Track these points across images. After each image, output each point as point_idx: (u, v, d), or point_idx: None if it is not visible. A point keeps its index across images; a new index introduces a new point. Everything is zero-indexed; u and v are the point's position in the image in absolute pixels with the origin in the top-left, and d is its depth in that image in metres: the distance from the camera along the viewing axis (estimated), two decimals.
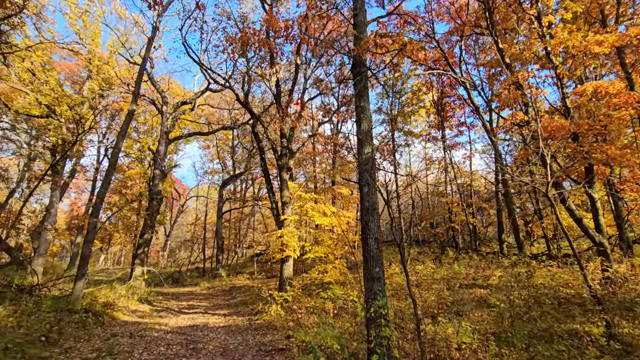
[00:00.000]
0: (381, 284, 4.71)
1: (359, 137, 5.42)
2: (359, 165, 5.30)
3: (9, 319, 5.85)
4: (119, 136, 9.17)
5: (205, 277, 22.24)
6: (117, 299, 10.54)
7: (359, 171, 5.31)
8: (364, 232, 4.98)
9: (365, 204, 5.06)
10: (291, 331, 6.97)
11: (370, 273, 4.78)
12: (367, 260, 4.84)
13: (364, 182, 5.13)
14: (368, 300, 4.65)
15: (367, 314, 4.41)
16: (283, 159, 11.10)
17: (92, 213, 8.59)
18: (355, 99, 5.82)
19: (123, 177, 27.96)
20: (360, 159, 5.28)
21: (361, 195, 5.20)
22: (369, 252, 4.84)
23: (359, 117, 5.58)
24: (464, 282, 11.01)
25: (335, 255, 10.61)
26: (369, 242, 4.88)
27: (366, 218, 5.01)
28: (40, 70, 16.18)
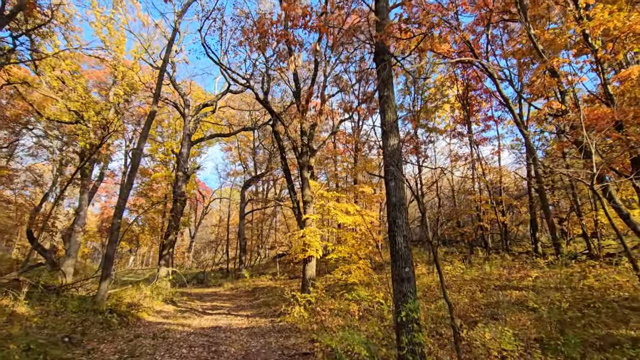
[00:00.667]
0: (411, 285, 4.34)
1: (384, 129, 5.06)
2: (384, 158, 4.94)
3: (34, 318, 5.88)
4: (140, 137, 9.22)
5: (228, 277, 22.36)
6: (142, 300, 10.62)
7: (384, 164, 4.96)
8: (391, 230, 4.62)
9: (392, 200, 4.70)
10: (315, 334, 6.67)
11: (399, 273, 4.41)
12: (396, 259, 4.48)
13: (390, 176, 4.77)
14: (397, 302, 4.29)
15: (398, 317, 4.05)
16: (304, 157, 10.85)
17: (116, 214, 8.64)
18: (378, 88, 5.47)
19: (149, 180, 28.67)
20: (385, 152, 4.92)
21: (387, 190, 4.84)
22: (397, 251, 4.48)
23: (383, 108, 5.23)
24: (496, 284, 10.37)
25: (359, 256, 10.24)
26: (397, 239, 4.51)
27: (393, 214, 4.65)
28: (69, 78, 16.70)
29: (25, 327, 5.48)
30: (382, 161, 4.98)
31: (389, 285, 9.07)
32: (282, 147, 12.01)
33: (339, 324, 7.22)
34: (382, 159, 22.79)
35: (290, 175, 11.70)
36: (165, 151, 28.49)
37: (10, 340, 4.80)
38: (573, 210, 15.84)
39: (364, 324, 7.21)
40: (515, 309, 7.79)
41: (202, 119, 20.17)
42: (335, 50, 14.74)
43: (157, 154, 29.08)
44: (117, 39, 18.59)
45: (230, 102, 26.86)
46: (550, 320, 5.70)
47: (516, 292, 9.07)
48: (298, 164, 11.10)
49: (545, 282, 9.34)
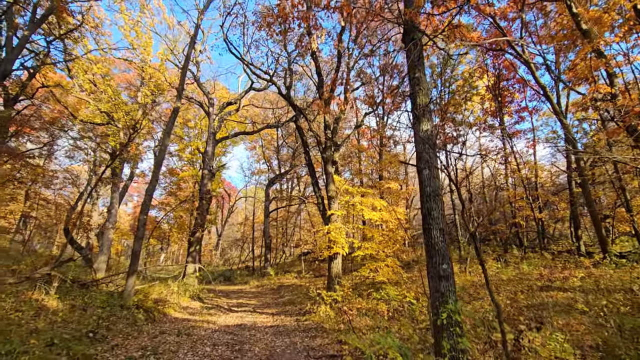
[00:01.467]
0: (450, 284, 3.90)
1: (415, 113, 4.63)
2: (416, 145, 4.52)
3: (59, 313, 5.90)
4: (164, 134, 9.22)
5: (254, 275, 22.44)
6: (169, 296, 10.68)
7: (416, 152, 4.53)
8: (426, 222, 4.20)
9: (426, 190, 4.27)
10: (342, 335, 6.33)
11: (435, 270, 3.98)
12: (432, 255, 4.05)
13: (423, 164, 4.34)
14: (435, 303, 3.87)
15: (438, 320, 3.63)
16: (328, 151, 10.52)
17: (142, 210, 8.67)
18: (408, 70, 5.05)
19: (177, 180, 29.34)
20: (417, 138, 4.50)
21: (420, 179, 4.42)
22: (433, 246, 4.05)
23: (414, 90, 4.80)
24: (537, 284, 9.61)
25: (387, 253, 9.79)
26: (433, 233, 4.08)
27: (428, 205, 4.22)
28: (100, 81, 17.22)
29: (51, 322, 5.49)
30: (414, 148, 4.55)
31: (421, 284, 8.57)
32: (306, 142, 11.73)
33: (367, 324, 6.84)
34: (408, 153, 22.11)
35: (314, 170, 11.40)
36: (192, 151, 29.05)
37: (36, 334, 4.78)
38: (620, 206, 14.56)
39: (394, 324, 6.79)
40: (563, 311, 7.11)
41: (227, 118, 20.28)
42: (358, 42, 14.32)
43: (184, 153, 29.71)
44: (144, 42, 19.02)
45: (254, 100, 26.99)
46: (608, 325, 5.07)
47: (561, 293, 8.34)
48: (322, 159, 10.79)
49: (593, 283, 8.53)
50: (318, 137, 10.88)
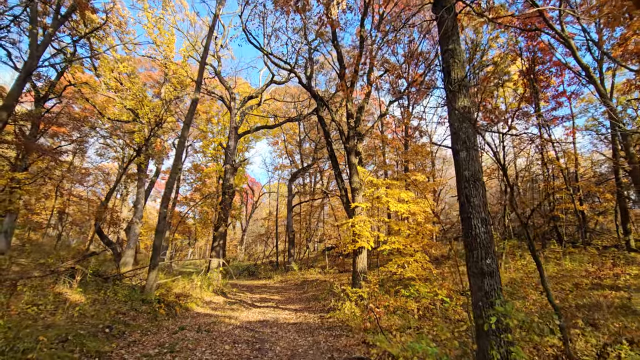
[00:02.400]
0: (495, 281, 3.36)
1: (450, 88, 4.07)
2: (451, 125, 3.97)
3: (79, 307, 5.79)
4: (184, 126, 9.07)
5: (278, 270, 22.33)
6: (192, 290, 10.61)
7: (451, 132, 3.98)
8: (465, 211, 3.66)
9: (464, 174, 3.73)
10: (369, 335, 5.88)
11: (477, 266, 3.45)
12: (472, 248, 3.52)
13: (460, 144, 3.79)
14: (477, 303, 3.35)
15: (484, 324, 3.11)
16: (351, 141, 10.02)
17: (162, 203, 8.56)
18: (440, 42, 4.48)
19: (201, 175, 29.73)
20: (452, 116, 3.94)
21: (456, 162, 3.87)
22: (474, 238, 3.51)
23: (448, 64, 4.23)
24: (583, 282, 8.74)
25: (415, 248, 9.20)
26: (473, 223, 3.54)
27: (467, 192, 3.68)
28: (126, 79, 17.49)
29: (70, 316, 5.38)
30: (449, 128, 3.99)
31: (453, 281, 7.96)
32: (328, 132, 11.28)
33: (396, 324, 6.35)
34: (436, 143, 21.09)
35: (337, 161, 10.94)
36: (216, 147, 29.32)
37: (51, 329, 4.65)
38: None
39: (426, 324, 6.26)
40: (618, 312, 6.32)
41: (248, 112, 20.16)
42: (381, 29, 13.64)
43: (208, 150, 30.04)
44: (167, 39, 19.15)
45: (275, 95, 26.79)
46: None
47: (614, 292, 7.49)
48: (345, 150, 10.30)
49: None
50: (340, 127, 10.40)
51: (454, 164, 3.90)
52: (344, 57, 11.01)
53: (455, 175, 3.87)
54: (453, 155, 3.91)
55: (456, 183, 3.84)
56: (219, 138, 27.65)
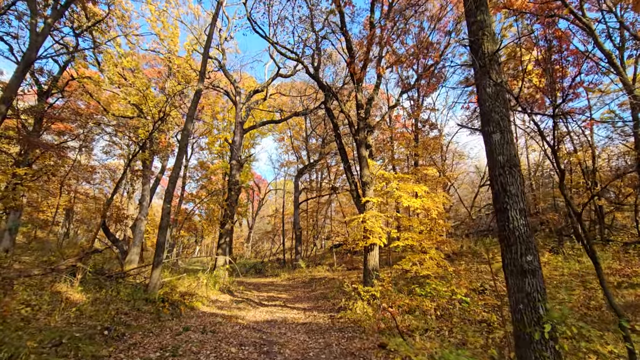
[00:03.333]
0: (538, 281, 2.93)
1: (480, 64, 3.62)
2: (481, 105, 3.53)
3: (78, 308, 5.47)
4: (187, 118, 8.72)
5: (285, 268, 22.02)
6: (197, 289, 10.29)
7: (482, 113, 3.54)
8: (500, 201, 3.22)
9: (498, 159, 3.29)
10: (384, 337, 5.48)
11: (516, 264, 3.02)
12: (510, 243, 3.09)
13: (493, 126, 3.35)
14: (517, 307, 2.92)
15: (534, 333, 2.68)
16: (361, 133, 9.57)
17: (165, 199, 8.23)
18: (466, 14, 4.04)
19: (207, 173, 29.52)
20: (483, 95, 3.50)
21: (489, 147, 3.43)
22: (512, 232, 3.08)
23: (477, 36, 3.77)
24: (609, 280, 8.23)
25: (428, 244, 8.76)
26: (510, 215, 3.11)
27: (502, 179, 3.24)
28: (130, 75, 17.23)
29: (66, 317, 5.06)
30: (478, 109, 3.53)
31: (469, 279, 7.49)
32: (336, 124, 10.85)
33: (412, 324, 5.94)
34: (445, 138, 20.51)
35: (346, 154, 10.51)
36: (222, 143, 29.09)
37: (45, 331, 4.32)
38: None
39: (443, 324, 5.84)
40: None
41: (254, 107, 19.79)
42: (390, 17, 13.13)
43: (213, 146, 29.83)
44: (170, 32, 18.85)
45: (281, 89, 26.40)
46: None
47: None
48: (355, 142, 9.87)
49: None
50: (349, 118, 9.96)
51: (485, 149, 3.46)
52: (353, 44, 10.53)
53: (488, 162, 3.44)
54: (485, 139, 3.47)
55: (488, 170, 3.40)
56: (224, 134, 27.38)
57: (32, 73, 14.09)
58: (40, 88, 14.69)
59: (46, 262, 9.72)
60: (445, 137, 17.89)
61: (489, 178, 3.42)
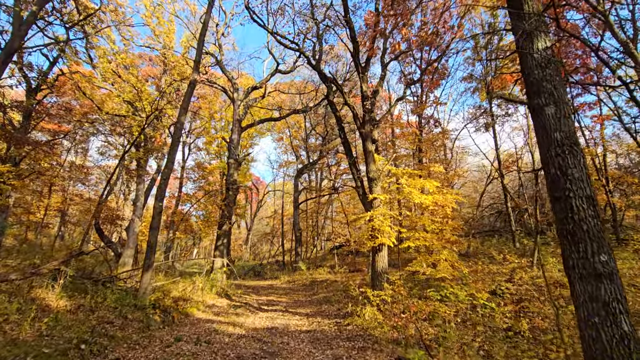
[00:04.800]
0: (616, 286, 2.35)
1: (524, 28, 3.04)
2: (527, 75, 2.94)
3: (45, 320, 4.81)
4: (180, 109, 8.12)
5: (285, 270, 21.37)
6: (192, 293, 9.66)
7: (528, 83, 2.96)
8: (559, 189, 2.64)
9: (554, 137, 2.71)
10: (400, 348, 4.87)
11: (586, 265, 2.43)
12: (577, 239, 2.50)
13: (545, 98, 2.78)
14: (590, 319, 2.33)
15: (613, 356, 2.08)
16: (367, 125, 8.98)
17: (157, 197, 7.61)
18: None
19: (204, 173, 28.88)
20: (529, 63, 2.92)
21: (540, 121, 2.85)
22: (578, 225, 2.50)
23: None
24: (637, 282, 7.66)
25: (441, 244, 8.16)
26: (574, 204, 2.53)
27: (560, 161, 2.66)
28: (124, 72, 16.63)
29: (38, 329, 4.42)
30: (523, 79, 2.93)
31: (483, 281, 6.87)
32: (340, 117, 10.25)
33: (430, 333, 5.33)
34: (451, 136, 19.87)
35: (350, 148, 9.91)
36: (219, 143, 28.51)
37: (8, 347, 3.69)
38: None
39: (467, 333, 5.24)
40: None
41: (252, 105, 19.21)
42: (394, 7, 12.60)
43: (211, 147, 29.24)
44: (166, 29, 18.28)
45: (280, 87, 25.85)
46: None
47: None
48: (360, 136, 9.28)
49: None
50: (354, 110, 9.38)
51: (535, 127, 2.88)
52: (356, 33, 9.96)
53: (539, 141, 2.85)
54: (533, 114, 2.90)
55: (540, 152, 2.83)
56: (222, 134, 26.79)
57: (21, 68, 13.51)
58: (29, 84, 14.07)
59: (30, 265, 9.05)
60: (451, 133, 17.33)
61: (542, 161, 2.85)
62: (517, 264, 9.54)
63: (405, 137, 14.65)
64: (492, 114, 18.35)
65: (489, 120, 18.23)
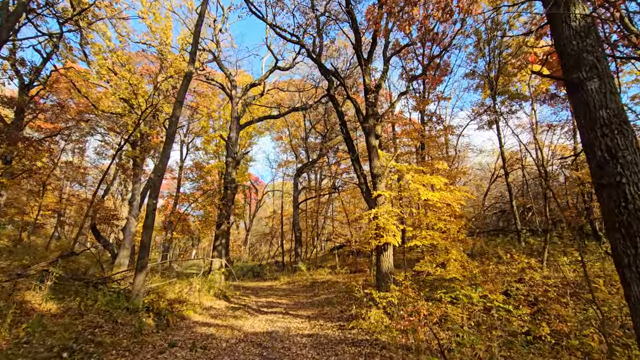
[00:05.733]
0: None
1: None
2: (562, 48, 2.59)
3: (23, 325, 4.43)
4: (175, 102, 7.75)
5: (284, 271, 20.99)
6: (189, 295, 9.27)
7: (565, 56, 2.60)
8: (608, 173, 2.30)
9: (598, 115, 2.36)
10: (411, 355, 4.50)
11: None
12: (633, 233, 2.15)
13: (587, 71, 2.43)
14: None
15: None
16: (370, 119, 8.63)
17: (151, 194, 7.24)
18: None
19: (202, 173, 28.50)
20: (566, 33, 2.57)
21: (582, 98, 2.50)
22: (634, 215, 2.15)
23: None
24: None
25: (450, 243, 7.80)
26: (629, 191, 2.18)
27: (608, 142, 2.31)
28: (119, 69, 16.28)
29: (16, 336, 4.04)
30: (557, 52, 2.57)
31: (497, 282, 6.51)
32: (341, 112, 9.89)
33: (443, 338, 4.97)
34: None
35: (352, 144, 9.55)
36: (217, 143, 28.16)
37: None
38: None
39: (481, 336, 4.87)
40: None
41: (251, 102, 18.85)
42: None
43: (209, 146, 28.89)
44: (163, 25, 17.93)
45: (279, 85, 25.53)
46: None
47: None
48: (363, 131, 8.91)
49: None
50: (357, 104, 9.02)
51: (574, 106, 2.53)
52: (358, 25, 9.61)
53: (580, 122, 2.50)
54: (572, 91, 2.55)
55: (582, 133, 2.47)
56: (220, 132, 26.44)
57: (13, 64, 13.14)
58: (22, 80, 13.70)
59: (19, 266, 8.66)
60: (456, 129, 16.99)
61: (584, 143, 2.50)
62: (526, 263, 9.19)
63: (408, 134, 14.27)
64: (496, 110, 18.01)
65: (493, 118, 17.91)
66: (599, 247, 11.19)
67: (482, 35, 18.84)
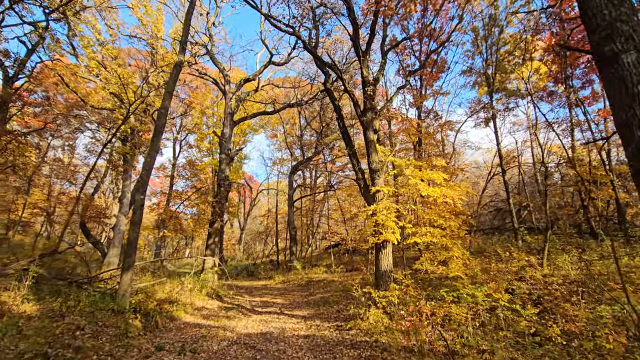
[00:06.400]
0: None
1: None
2: (592, 17, 2.31)
3: (15, 324, 4.08)
4: (165, 93, 7.39)
5: (279, 270, 20.67)
6: (180, 294, 8.92)
7: (593, 26, 2.33)
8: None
9: (636, 90, 2.09)
10: (415, 357, 4.22)
11: None
12: None
13: (621, 43, 2.17)
14: None
15: None
16: (368, 113, 8.35)
17: (138, 188, 6.89)
18: None
19: (196, 171, 28.03)
20: (595, 1, 2.29)
21: (613, 73, 2.23)
22: None
23: None
24: None
25: (448, 241, 7.55)
26: None
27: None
28: (109, 63, 15.83)
29: None
30: (584, 23, 2.29)
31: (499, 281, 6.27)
32: (338, 106, 9.61)
33: (446, 338, 4.70)
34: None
35: (350, 139, 9.25)
36: (211, 140, 27.71)
37: None
38: None
39: (486, 337, 4.62)
40: None
41: (245, 98, 18.45)
42: None
43: (202, 143, 28.44)
44: (154, 18, 17.49)
45: (274, 81, 25.17)
46: None
47: None
48: (361, 125, 8.62)
49: None
50: (354, 97, 8.74)
51: (603, 83, 2.26)
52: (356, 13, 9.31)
53: (611, 100, 2.23)
54: (603, 66, 2.28)
55: (615, 113, 2.21)
56: (213, 129, 26.01)
57: None
58: (6, 72, 13.20)
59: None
60: (454, 124, 16.79)
61: (617, 124, 2.24)
62: (526, 262, 8.99)
63: (406, 130, 14.02)
64: (493, 107, 17.82)
65: (489, 115, 17.75)
66: (598, 245, 11.06)
67: (480, 32, 18.67)
